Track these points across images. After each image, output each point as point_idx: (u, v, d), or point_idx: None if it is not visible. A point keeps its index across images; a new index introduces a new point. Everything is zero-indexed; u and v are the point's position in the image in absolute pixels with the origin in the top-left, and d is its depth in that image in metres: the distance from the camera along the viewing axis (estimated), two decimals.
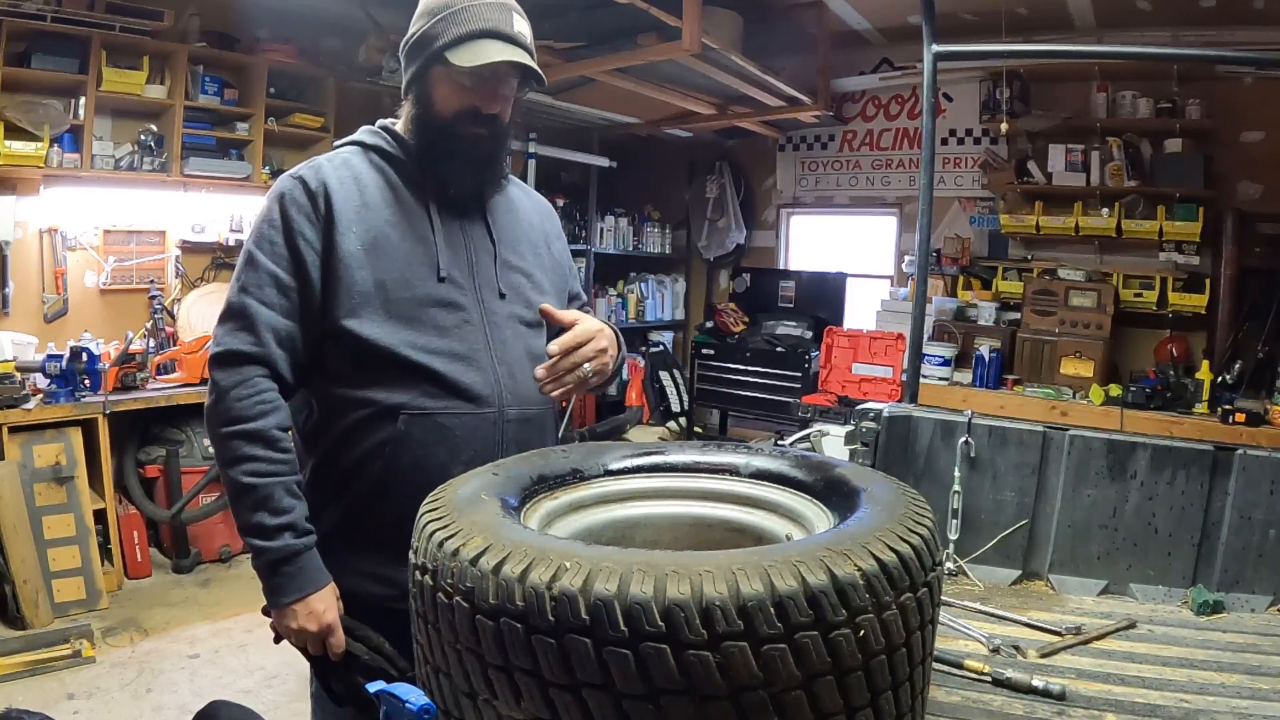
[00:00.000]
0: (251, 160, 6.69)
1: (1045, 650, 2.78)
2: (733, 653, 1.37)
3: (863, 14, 8.01)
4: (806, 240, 10.33)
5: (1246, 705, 2.46)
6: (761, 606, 1.38)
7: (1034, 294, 7.93)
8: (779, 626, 1.39)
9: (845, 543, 1.58)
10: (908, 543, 1.64)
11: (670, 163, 10.22)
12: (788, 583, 1.42)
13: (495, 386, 2.21)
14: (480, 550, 1.50)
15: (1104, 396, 7.19)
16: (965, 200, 8.84)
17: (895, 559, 1.57)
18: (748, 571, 1.42)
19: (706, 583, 1.39)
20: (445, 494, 1.82)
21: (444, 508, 1.72)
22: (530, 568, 1.43)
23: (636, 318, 9.87)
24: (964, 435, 3.48)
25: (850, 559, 1.51)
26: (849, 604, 1.46)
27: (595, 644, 1.37)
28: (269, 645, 2.30)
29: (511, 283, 2.32)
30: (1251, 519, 3.31)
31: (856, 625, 1.47)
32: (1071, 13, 7.39)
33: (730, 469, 2.30)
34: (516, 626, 1.41)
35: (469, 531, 1.58)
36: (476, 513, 1.69)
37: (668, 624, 1.36)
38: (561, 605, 1.37)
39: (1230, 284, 7.33)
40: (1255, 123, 7.54)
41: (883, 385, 7.74)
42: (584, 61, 6.50)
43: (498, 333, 2.25)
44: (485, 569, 1.46)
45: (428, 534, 1.63)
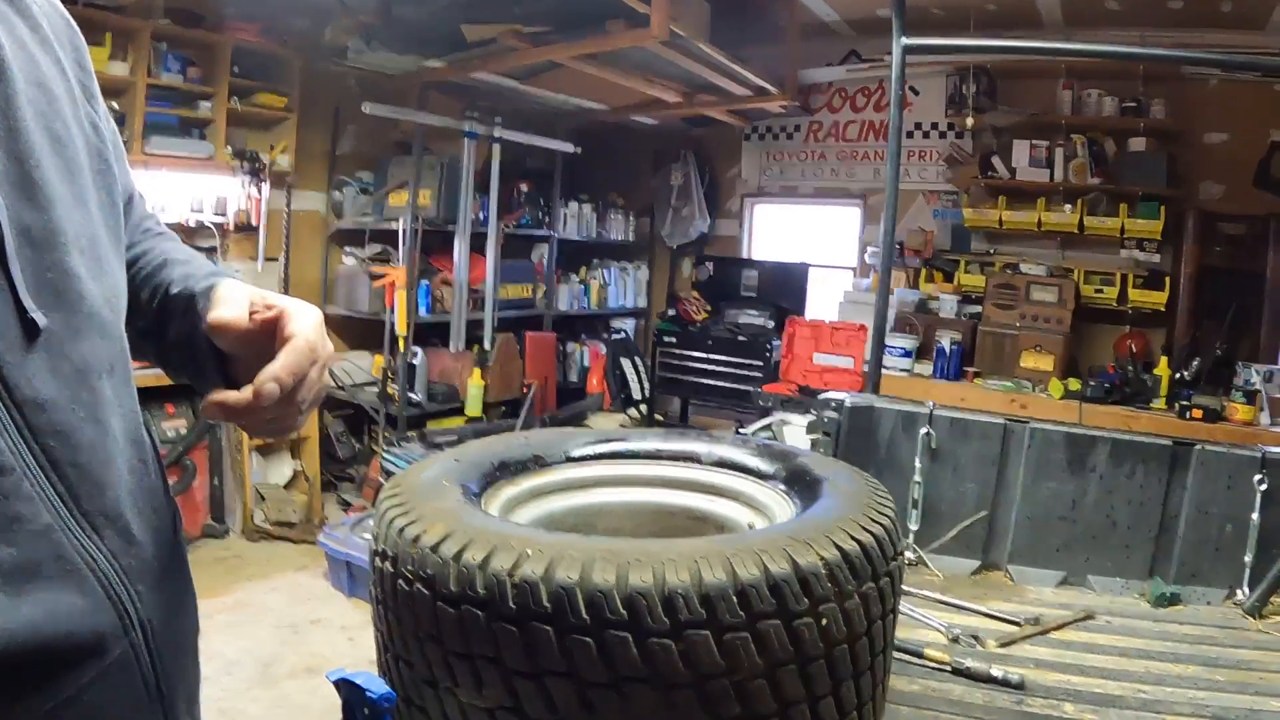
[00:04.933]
0: (214, 140, 6.55)
1: (1004, 640, 2.80)
2: (695, 641, 1.37)
3: (832, 6, 8.00)
4: (770, 230, 10.31)
5: (1203, 696, 2.49)
6: (724, 595, 1.39)
7: (996, 288, 7.95)
8: (741, 615, 1.40)
9: (808, 532, 1.59)
10: (870, 532, 1.65)
11: (635, 150, 10.14)
12: (750, 571, 1.43)
13: (114, 594, 1.01)
14: (441, 537, 1.49)
15: (1063, 390, 7.23)
16: (929, 193, 8.85)
17: (857, 548, 1.58)
18: (710, 560, 1.43)
19: (669, 571, 1.39)
20: (406, 480, 1.80)
21: (404, 494, 1.70)
22: (492, 555, 1.42)
23: (599, 305, 9.82)
24: (925, 426, 3.49)
25: (813, 548, 1.52)
26: (811, 593, 1.47)
27: (558, 632, 1.36)
28: (229, 631, 2.26)
29: (55, 285, 0.99)
30: (1209, 513, 3.34)
31: (819, 614, 1.48)
32: (1040, 11, 7.42)
33: (692, 457, 2.29)
34: (478, 614, 1.39)
35: (430, 518, 1.56)
36: (437, 499, 1.68)
37: (630, 612, 1.36)
38: (523, 592, 1.37)
39: (1190, 282, 7.40)
40: (1219, 124, 7.64)
41: (844, 376, 7.73)
42: (551, 47, 6.46)
43: (71, 447, 0.98)
44: (446, 556, 1.45)
45: (388, 520, 1.61)
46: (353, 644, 4.84)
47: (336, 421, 7.43)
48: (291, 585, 5.61)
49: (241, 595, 5.36)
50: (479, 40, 6.56)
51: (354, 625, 5.05)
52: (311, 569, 5.79)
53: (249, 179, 6.64)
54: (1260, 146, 7.39)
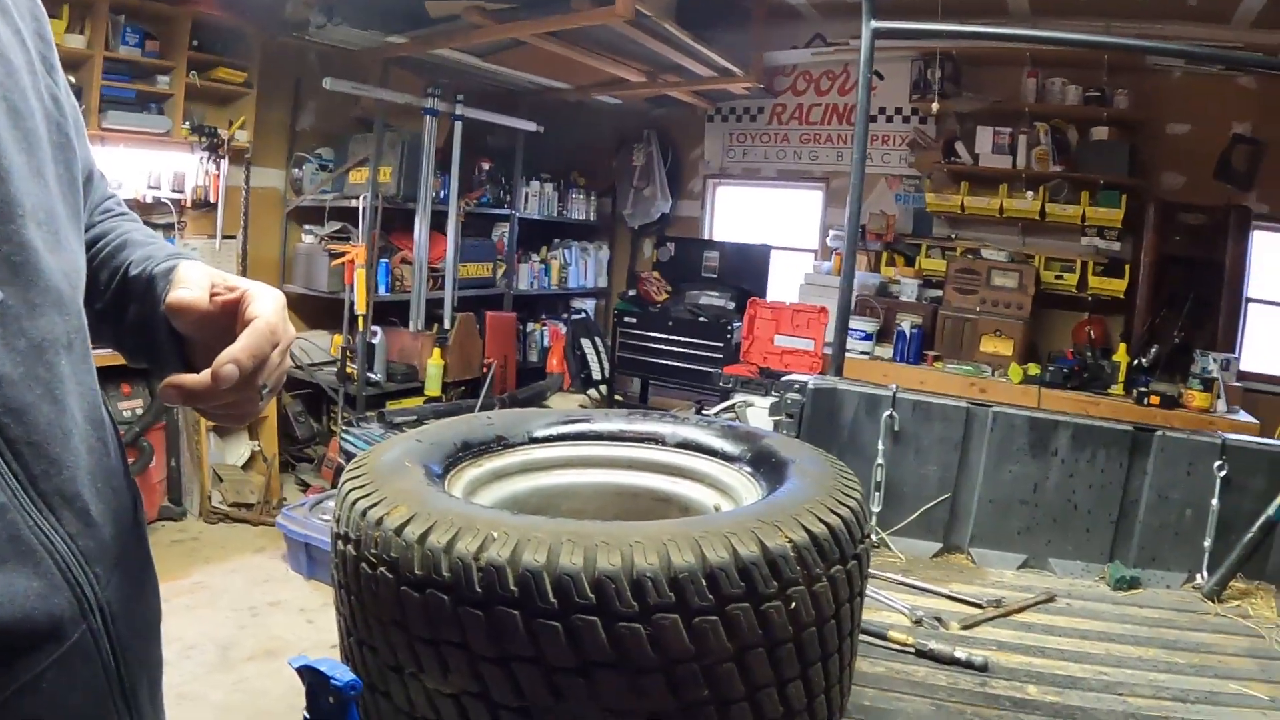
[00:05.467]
0: (172, 115, 6.44)
1: (967, 622, 2.81)
2: (664, 625, 1.36)
3: None
4: (732, 212, 10.32)
5: (1163, 678, 2.52)
6: (693, 578, 1.38)
7: (957, 272, 8.01)
8: (710, 599, 1.39)
9: (776, 514, 1.58)
10: (837, 515, 1.64)
11: (598, 129, 10.09)
12: (719, 554, 1.41)
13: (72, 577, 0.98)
14: (405, 519, 1.46)
15: (1022, 375, 7.30)
16: (892, 178, 8.89)
17: (825, 531, 1.57)
18: (679, 542, 1.41)
19: (637, 554, 1.38)
20: (367, 461, 1.76)
21: (366, 475, 1.67)
22: (457, 537, 1.39)
23: (559, 284, 9.79)
24: (888, 409, 3.50)
25: (781, 531, 1.51)
26: (780, 576, 1.46)
27: (524, 616, 1.34)
28: (187, 615, 2.21)
29: (11, 257, 0.94)
30: (1169, 498, 3.38)
31: (788, 597, 1.47)
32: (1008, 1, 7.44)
33: (656, 438, 2.28)
34: (443, 598, 1.37)
35: (393, 500, 1.53)
36: (400, 480, 1.65)
37: (598, 595, 1.34)
38: (489, 576, 1.34)
39: (1149, 270, 7.48)
40: (1182, 115, 7.73)
41: (804, 358, 7.74)
42: (515, 23, 6.40)
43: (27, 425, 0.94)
44: (410, 539, 1.42)
45: (350, 502, 1.57)
46: (312, 626, 4.81)
47: (295, 401, 7.36)
48: (250, 567, 5.56)
49: (200, 578, 5.31)
50: (442, 16, 6.50)
51: (313, 607, 5.02)
52: (270, 550, 5.75)
53: (207, 155, 6.54)
54: (1221, 139, 7.52)
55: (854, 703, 2.12)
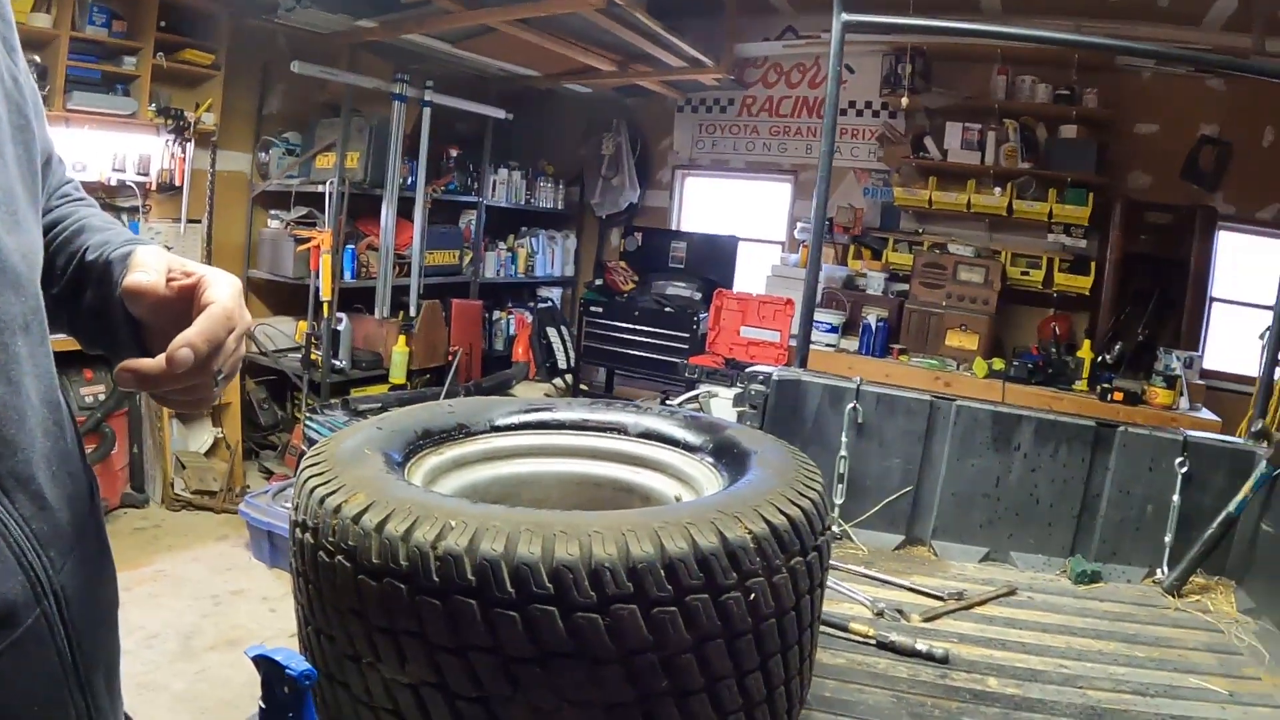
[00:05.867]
0: (138, 97, 6.32)
1: (928, 614, 2.83)
2: (623, 615, 1.36)
3: None
4: (700, 202, 10.31)
5: (1123, 672, 2.55)
6: (652, 569, 1.38)
7: (923, 267, 8.04)
8: (669, 589, 1.39)
9: (736, 505, 1.58)
10: (798, 506, 1.65)
11: (567, 118, 10.05)
12: (678, 545, 1.42)
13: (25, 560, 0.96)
14: (363, 507, 1.45)
15: (987, 370, 7.35)
16: (860, 171, 8.91)
17: (785, 522, 1.58)
18: (638, 533, 1.41)
19: (596, 544, 1.38)
20: (327, 448, 1.75)
21: (325, 463, 1.65)
22: (415, 526, 1.38)
23: (526, 273, 9.74)
24: (852, 401, 3.51)
25: (741, 522, 1.51)
26: (740, 567, 1.47)
27: (482, 605, 1.33)
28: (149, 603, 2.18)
29: None
30: (1130, 493, 3.43)
31: (747, 588, 1.48)
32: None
33: (618, 428, 2.28)
34: (400, 587, 1.36)
35: (351, 488, 1.52)
36: (359, 468, 1.64)
37: (556, 585, 1.34)
38: (447, 565, 1.34)
39: (1115, 268, 7.55)
40: (1150, 115, 7.80)
41: (770, 349, 7.76)
42: (487, 10, 6.36)
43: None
44: (368, 527, 1.41)
45: (308, 490, 1.56)
46: (275, 615, 4.78)
47: (259, 388, 7.30)
48: (213, 555, 5.52)
49: (162, 566, 5.26)
50: (413, 1, 6.45)
51: (276, 596, 4.99)
52: (233, 538, 5.71)
53: (173, 138, 6.45)
54: (1189, 139, 7.61)
55: (814, 694, 2.13)
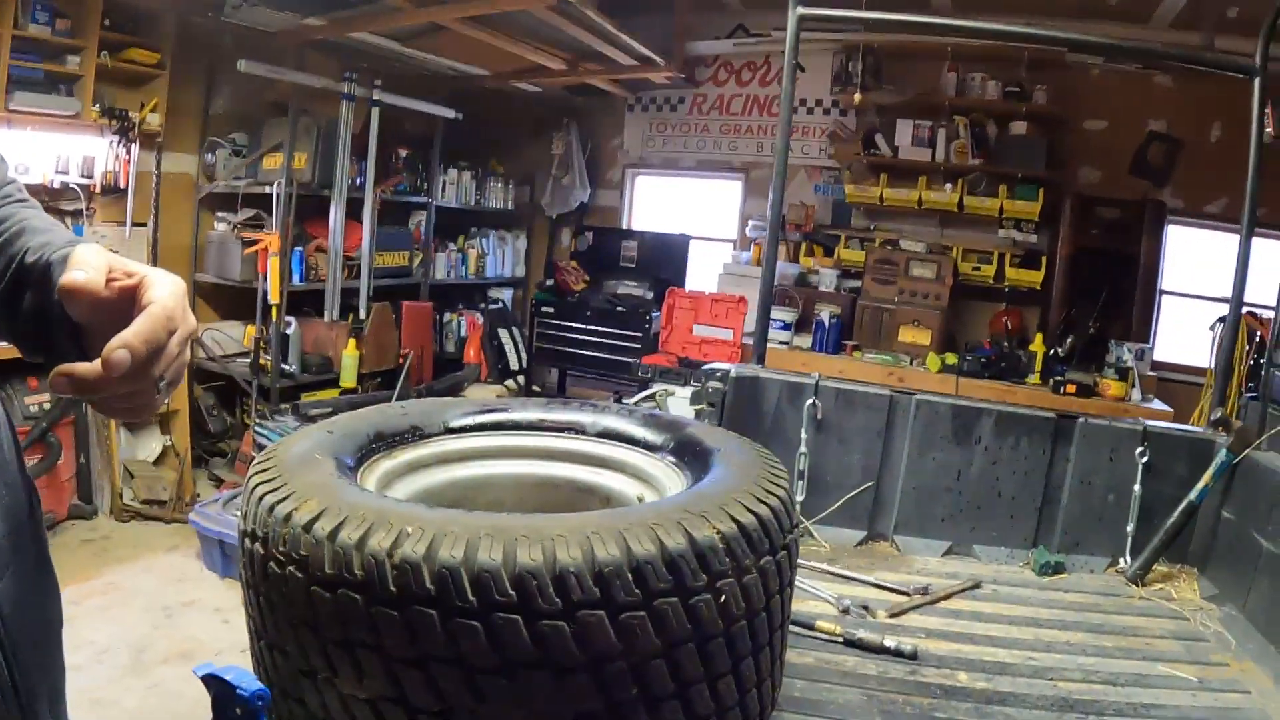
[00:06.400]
0: (81, 97, 6.13)
1: (894, 610, 2.82)
2: (589, 621, 1.32)
3: None
4: (651, 201, 10.29)
5: (1093, 662, 2.56)
6: (619, 572, 1.33)
7: (875, 263, 8.07)
8: (637, 593, 1.35)
9: (702, 504, 1.55)
10: (765, 504, 1.62)
11: (517, 117, 9.95)
12: (645, 547, 1.37)
13: None
14: (314, 515, 1.39)
15: (940, 364, 7.40)
16: (812, 168, 8.93)
17: (754, 521, 1.55)
18: (603, 535, 1.37)
19: (559, 548, 1.33)
20: (275, 454, 1.69)
21: (274, 469, 1.59)
22: (369, 533, 1.32)
23: (477, 274, 9.64)
24: (811, 398, 3.49)
25: (708, 521, 1.48)
26: (709, 568, 1.43)
27: (442, 615, 1.28)
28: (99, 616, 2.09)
29: None
30: (1091, 484, 3.45)
31: (717, 590, 1.44)
32: None
33: (576, 427, 2.23)
34: (356, 598, 1.30)
35: (302, 494, 1.46)
36: (310, 473, 1.57)
37: (519, 592, 1.29)
38: (404, 574, 1.28)
39: (1065, 263, 7.64)
40: (1099, 112, 7.90)
41: (723, 347, 7.76)
42: (438, 7, 6.28)
43: None
44: (320, 535, 1.35)
45: (257, 498, 1.50)
46: (228, 627, 4.68)
47: (207, 394, 7.17)
48: (163, 566, 5.41)
49: (111, 578, 5.15)
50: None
51: (228, 607, 4.89)
52: (183, 549, 5.60)
53: (117, 139, 6.29)
54: (1137, 135, 7.75)
55: (784, 694, 2.09)
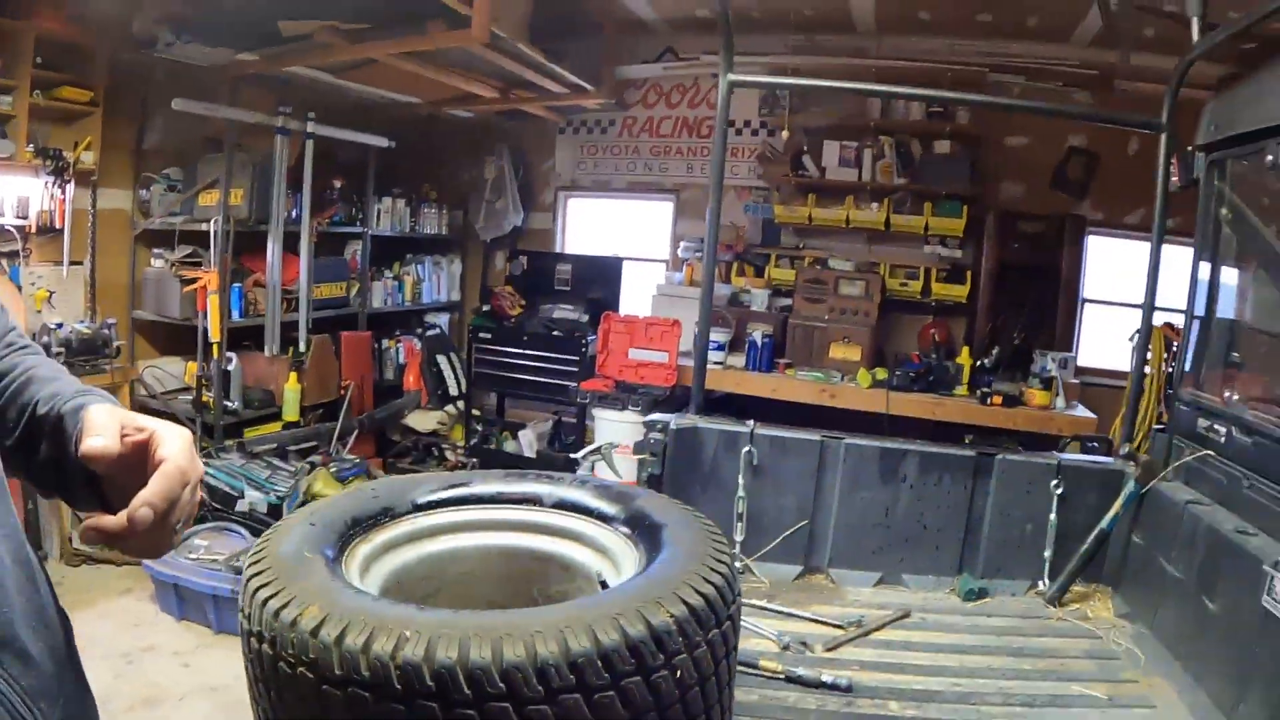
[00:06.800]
0: (15, 138, 6.07)
1: (830, 644, 3.05)
2: (568, 704, 1.52)
3: (650, 3, 8.09)
4: (583, 223, 10.42)
5: (1013, 685, 2.82)
6: (590, 661, 1.54)
7: (805, 282, 8.29)
8: (606, 677, 1.55)
9: (656, 591, 1.73)
10: (711, 584, 1.82)
11: (449, 143, 10.05)
12: (611, 636, 1.57)
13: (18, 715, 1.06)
14: (319, 620, 1.55)
15: (871, 379, 7.59)
16: (741, 189, 9.12)
17: (702, 602, 1.76)
18: (575, 629, 1.56)
19: (539, 643, 1.53)
20: (266, 553, 1.83)
21: (269, 570, 1.75)
22: (372, 638, 1.50)
23: (413, 300, 9.70)
24: (747, 445, 3.69)
25: (663, 607, 1.67)
26: (665, 649, 1.64)
27: (443, 708, 1.48)
28: None
29: None
30: (1010, 515, 3.75)
31: (673, 666, 1.65)
32: (854, 16, 7.71)
33: (533, 499, 2.39)
34: (365, 695, 1.48)
35: (303, 599, 1.62)
36: (305, 576, 1.73)
37: (507, 685, 1.49)
38: (407, 674, 1.46)
39: (990, 276, 7.95)
40: (1020, 129, 8.22)
41: (659, 370, 7.87)
42: (370, 44, 6.38)
43: None
44: (327, 640, 1.52)
45: (260, 602, 1.66)
46: (189, 670, 4.72)
47: None
48: (119, 611, 5.42)
49: None
50: (295, 35, 6.43)
51: (188, 650, 4.93)
52: (137, 591, 5.61)
53: (52, 179, 6.28)
54: (1058, 150, 8.09)
55: None
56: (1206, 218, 3.93)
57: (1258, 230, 3.59)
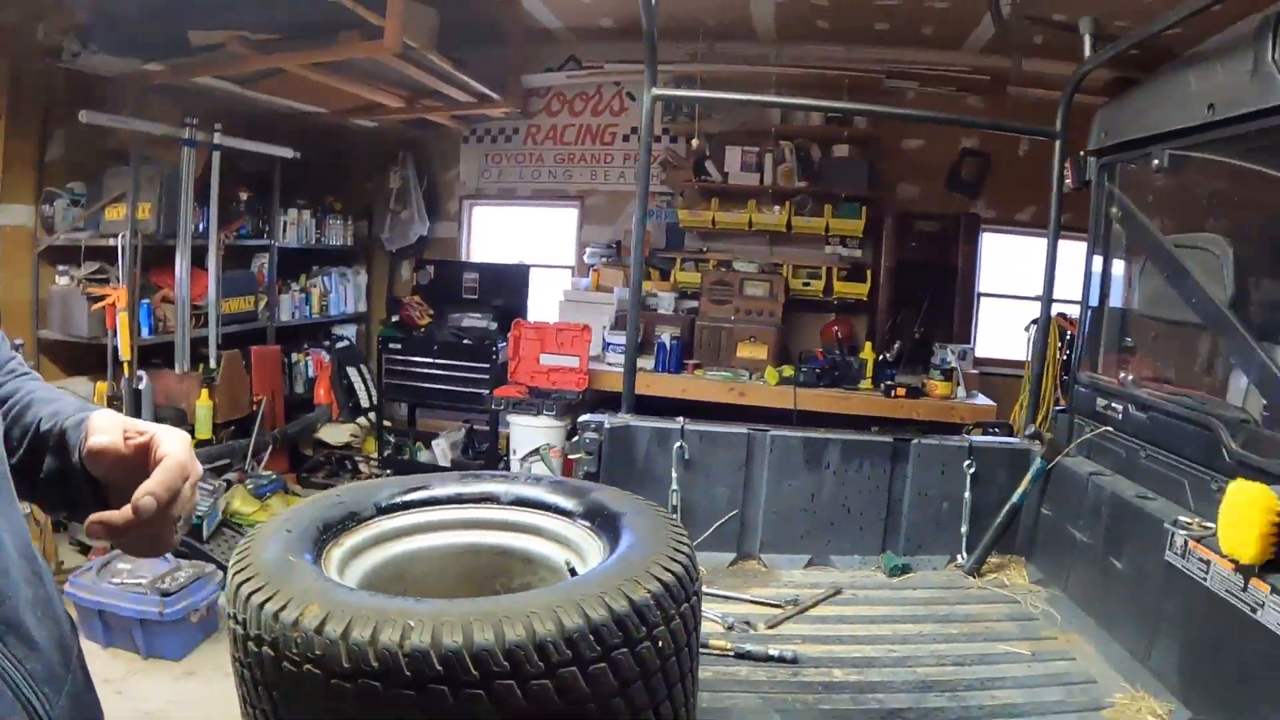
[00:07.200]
0: None
1: (772, 622, 3.25)
2: (566, 677, 1.64)
3: (555, 13, 8.16)
4: (489, 232, 10.44)
5: (943, 648, 3.09)
6: (583, 635, 1.67)
7: (711, 284, 8.46)
8: (598, 649, 1.69)
9: (631, 571, 1.85)
10: (678, 562, 1.95)
11: (354, 152, 9.99)
12: (599, 613, 1.72)
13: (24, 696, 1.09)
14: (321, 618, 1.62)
15: (778, 377, 7.76)
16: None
17: (673, 578, 1.92)
18: (567, 608, 1.69)
19: (536, 622, 1.64)
20: (251, 558, 1.89)
21: (259, 575, 1.80)
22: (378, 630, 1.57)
23: (320, 312, 9.55)
24: (679, 441, 3.81)
25: (640, 585, 1.80)
26: (646, 621, 1.78)
27: (452, 689, 1.57)
28: None
29: None
30: (927, 495, 4.01)
31: (654, 638, 1.80)
32: (755, 25, 7.90)
33: (491, 498, 2.47)
34: (375, 685, 1.54)
35: (301, 600, 1.69)
36: (296, 578, 1.79)
37: (511, 663, 1.60)
38: (415, 660, 1.53)
39: (889, 274, 8.27)
40: (915, 132, 8.55)
41: (571, 375, 7.91)
42: (281, 55, 6.34)
43: None
44: (334, 636, 1.59)
45: (256, 605, 1.71)
46: (122, 698, 4.60)
47: None
48: None
49: None
50: (204, 45, 6.35)
51: (116, 678, 4.81)
52: None
53: None
54: (951, 152, 8.43)
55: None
56: (1098, 216, 4.22)
57: (1145, 227, 3.84)
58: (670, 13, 7.49)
